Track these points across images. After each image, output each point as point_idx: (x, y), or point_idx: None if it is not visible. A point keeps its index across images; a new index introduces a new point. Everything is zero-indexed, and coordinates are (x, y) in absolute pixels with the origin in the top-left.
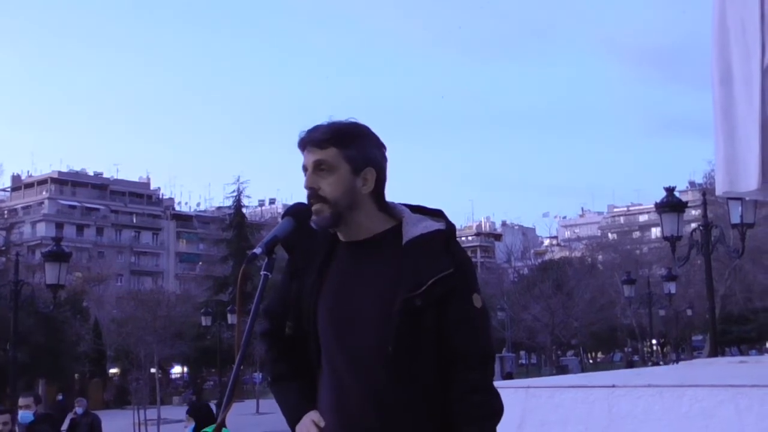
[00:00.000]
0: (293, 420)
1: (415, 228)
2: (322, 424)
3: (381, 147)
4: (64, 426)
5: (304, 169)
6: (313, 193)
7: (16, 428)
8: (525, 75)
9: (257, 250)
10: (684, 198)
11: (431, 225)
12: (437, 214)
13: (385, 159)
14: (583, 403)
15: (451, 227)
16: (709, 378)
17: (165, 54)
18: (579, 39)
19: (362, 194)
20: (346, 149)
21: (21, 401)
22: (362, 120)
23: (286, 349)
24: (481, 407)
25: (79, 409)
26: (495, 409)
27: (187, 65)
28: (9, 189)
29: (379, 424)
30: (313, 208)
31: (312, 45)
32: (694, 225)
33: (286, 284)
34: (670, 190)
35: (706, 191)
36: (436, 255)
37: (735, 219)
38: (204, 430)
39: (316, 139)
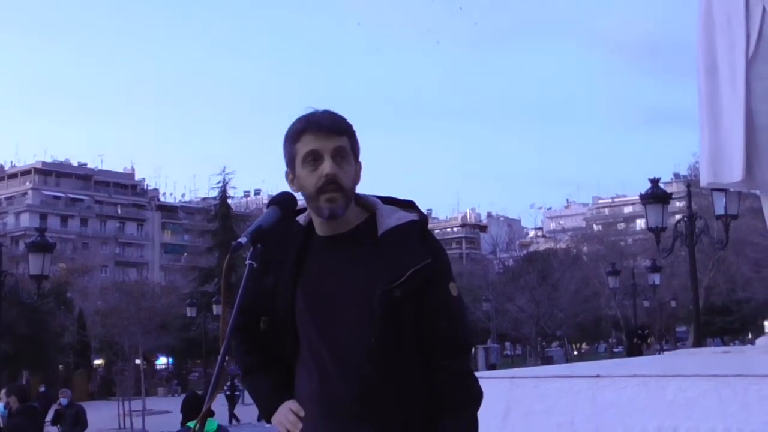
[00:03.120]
0: (268, 410)
1: (389, 219)
2: (302, 413)
3: None
4: (49, 417)
5: (312, 154)
6: (334, 179)
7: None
8: (510, 66)
9: (242, 240)
10: (669, 190)
11: (405, 216)
12: (409, 205)
13: None
14: (567, 393)
15: (424, 218)
16: (693, 368)
17: (151, 44)
18: (564, 30)
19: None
20: (352, 139)
21: None
22: (344, 111)
23: (258, 343)
24: (462, 393)
25: (63, 400)
26: (475, 394)
27: (173, 55)
28: None
29: (364, 413)
30: (330, 196)
31: (296, 34)
32: (678, 216)
33: (257, 277)
34: (654, 182)
35: (690, 183)
36: (412, 246)
37: (719, 210)
38: (188, 423)
39: (333, 126)
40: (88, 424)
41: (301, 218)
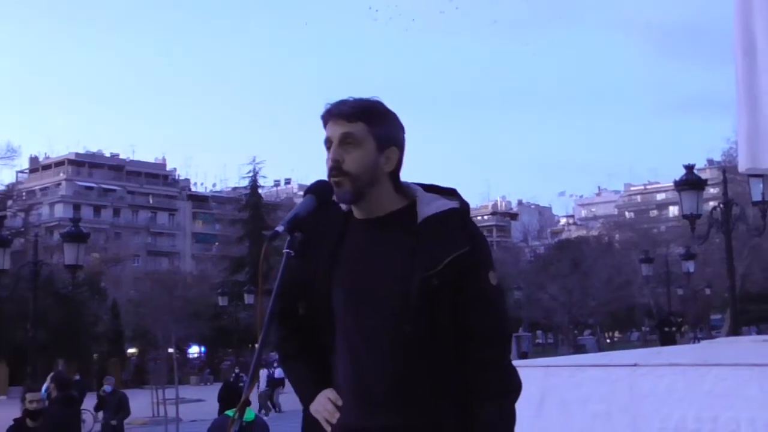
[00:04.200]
0: (306, 398)
1: (429, 207)
2: (339, 402)
3: (403, 129)
4: (88, 404)
5: (328, 142)
6: (336, 165)
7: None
8: (541, 54)
9: (279, 229)
10: (702, 176)
11: (445, 204)
12: (451, 193)
13: (404, 141)
14: (603, 382)
15: (465, 206)
16: (732, 357)
17: (181, 35)
18: (596, 16)
19: (383, 172)
20: (374, 125)
21: (29, 396)
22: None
23: (297, 328)
24: (499, 383)
25: (107, 387)
26: (513, 385)
27: (203, 46)
28: (27, 171)
29: (398, 402)
30: (334, 180)
31: (326, 24)
32: (712, 203)
33: (296, 263)
34: (689, 168)
35: (726, 169)
36: (451, 233)
37: (756, 196)
38: (226, 411)
39: (344, 112)
40: (130, 411)
41: (342, 204)
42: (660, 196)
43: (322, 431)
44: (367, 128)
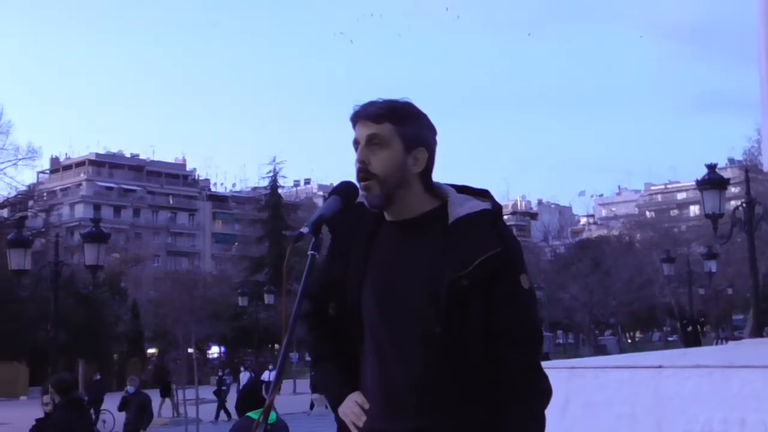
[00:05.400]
0: (335, 400)
1: (461, 208)
2: (366, 405)
3: (433, 130)
4: (113, 403)
5: (356, 143)
6: (363, 167)
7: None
8: (561, 53)
9: (304, 230)
10: (723, 175)
11: (477, 205)
12: (483, 194)
13: (435, 142)
14: (629, 384)
15: (497, 207)
16: (759, 358)
17: (200, 35)
18: (615, 15)
19: (411, 173)
20: (401, 126)
21: (44, 399)
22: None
23: (328, 330)
24: (530, 386)
25: (130, 388)
26: (543, 388)
27: (224, 46)
28: (48, 171)
29: (425, 404)
30: (363, 184)
31: (346, 25)
32: (733, 203)
33: (327, 265)
34: (711, 167)
35: (748, 168)
36: (482, 235)
37: None
38: (249, 413)
39: (371, 113)
40: (153, 415)
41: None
42: (681, 196)
43: None
44: (393, 129)
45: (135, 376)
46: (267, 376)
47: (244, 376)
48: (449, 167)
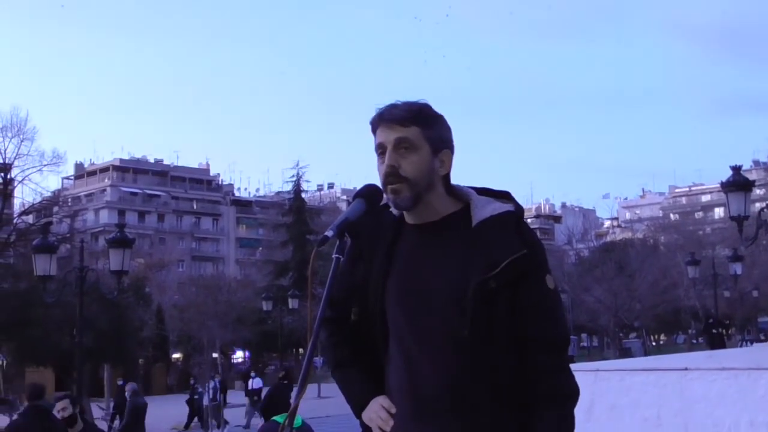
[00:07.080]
0: (359, 406)
1: (484, 210)
2: (393, 409)
3: (451, 131)
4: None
5: (380, 147)
6: (394, 171)
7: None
8: (585, 56)
9: (329, 234)
10: (748, 177)
11: (500, 206)
12: (505, 196)
13: (454, 143)
14: (654, 387)
15: (520, 209)
16: None
17: (225, 40)
18: (640, 18)
19: (438, 176)
20: (428, 129)
21: (58, 405)
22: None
23: (349, 335)
24: (558, 389)
25: (126, 393)
26: (571, 390)
27: (247, 51)
28: (72, 177)
29: (454, 407)
30: (392, 187)
31: (370, 29)
32: (759, 205)
33: (348, 269)
34: (736, 169)
35: None
36: (507, 237)
37: None
38: (274, 417)
39: (398, 117)
40: (144, 427)
41: (394, 209)
42: (705, 198)
43: None
44: (421, 132)
45: (134, 383)
46: (251, 384)
47: (256, 382)
48: (474, 170)
